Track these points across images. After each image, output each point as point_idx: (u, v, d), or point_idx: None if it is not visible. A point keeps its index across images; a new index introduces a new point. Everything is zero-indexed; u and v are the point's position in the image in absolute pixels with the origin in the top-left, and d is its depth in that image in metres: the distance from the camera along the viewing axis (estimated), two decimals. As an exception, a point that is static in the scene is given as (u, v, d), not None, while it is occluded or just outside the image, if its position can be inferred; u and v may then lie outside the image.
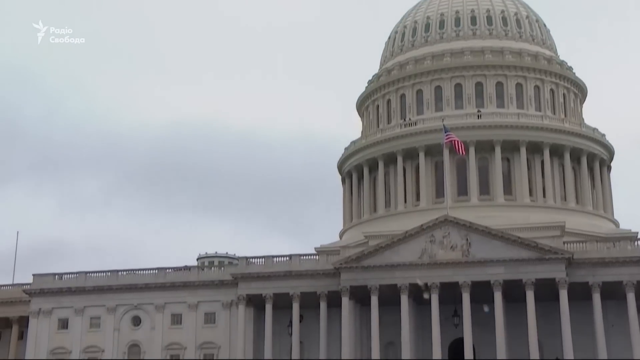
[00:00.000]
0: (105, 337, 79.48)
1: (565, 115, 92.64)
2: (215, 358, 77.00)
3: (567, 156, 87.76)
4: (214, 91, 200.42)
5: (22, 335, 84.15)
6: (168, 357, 77.83)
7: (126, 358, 78.70)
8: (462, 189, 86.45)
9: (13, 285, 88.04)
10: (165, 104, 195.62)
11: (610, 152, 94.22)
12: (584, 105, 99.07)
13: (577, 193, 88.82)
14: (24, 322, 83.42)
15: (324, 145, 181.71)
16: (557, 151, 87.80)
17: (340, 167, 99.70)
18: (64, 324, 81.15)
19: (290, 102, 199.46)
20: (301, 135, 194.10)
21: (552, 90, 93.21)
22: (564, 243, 70.29)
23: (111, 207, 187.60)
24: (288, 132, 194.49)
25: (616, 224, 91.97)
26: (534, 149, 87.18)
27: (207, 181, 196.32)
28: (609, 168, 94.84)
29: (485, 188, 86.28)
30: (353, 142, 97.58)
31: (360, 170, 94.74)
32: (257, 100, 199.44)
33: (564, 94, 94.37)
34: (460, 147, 76.14)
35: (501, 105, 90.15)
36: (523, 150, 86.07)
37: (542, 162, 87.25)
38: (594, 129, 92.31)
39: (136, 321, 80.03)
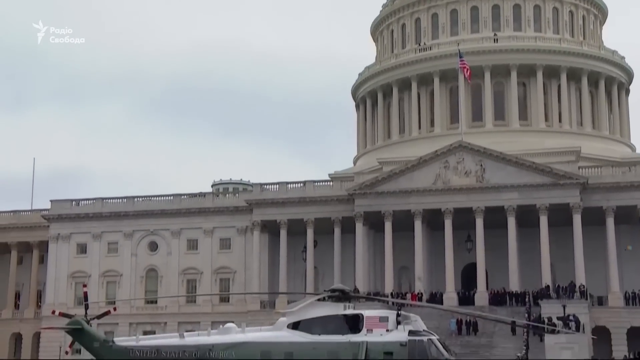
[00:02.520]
0: (123, 261, 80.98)
1: (584, 38, 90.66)
2: (230, 282, 78.35)
3: (584, 80, 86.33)
4: (233, 14, 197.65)
5: (42, 260, 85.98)
6: (185, 282, 79.29)
7: (144, 282, 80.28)
8: (477, 115, 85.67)
9: (32, 210, 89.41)
10: (185, 27, 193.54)
11: (630, 75, 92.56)
12: (604, 27, 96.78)
13: (593, 118, 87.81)
14: (44, 246, 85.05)
15: (339, 70, 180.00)
16: (574, 75, 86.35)
17: (354, 93, 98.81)
18: (82, 249, 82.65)
19: (309, 26, 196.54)
20: (317, 60, 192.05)
21: (571, 12, 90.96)
22: (578, 168, 69.95)
23: (130, 133, 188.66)
24: (305, 56, 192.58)
25: (632, 148, 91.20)
26: (551, 73, 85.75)
27: (224, 107, 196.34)
28: (628, 92, 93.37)
29: (500, 113, 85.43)
30: (367, 68, 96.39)
31: (374, 96, 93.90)
32: (276, 23, 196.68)
33: (583, 16, 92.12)
34: (467, 74, 75.22)
35: (518, 29, 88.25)
36: (540, 75, 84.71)
37: (559, 87, 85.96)
38: (614, 52, 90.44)
39: (153, 246, 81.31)
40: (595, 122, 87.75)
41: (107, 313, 31.62)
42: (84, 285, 43.67)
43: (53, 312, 31.71)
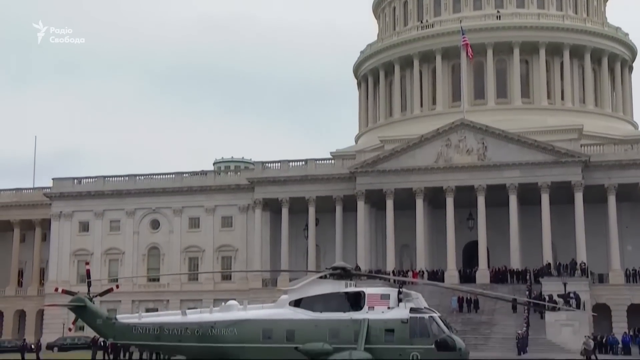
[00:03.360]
0: (125, 239, 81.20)
1: (587, 15, 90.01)
2: (232, 260, 78.59)
3: (587, 57, 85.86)
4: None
5: (45, 237, 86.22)
6: (187, 259, 79.54)
7: (146, 260, 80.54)
8: (479, 93, 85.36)
9: (34, 188, 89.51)
10: (188, 5, 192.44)
11: (633, 52, 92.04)
12: (608, 3, 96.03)
13: (596, 95, 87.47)
14: (46, 224, 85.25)
15: (342, 47, 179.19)
16: (577, 52, 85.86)
17: (356, 71, 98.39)
18: (84, 227, 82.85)
19: (311, 3, 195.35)
20: (320, 37, 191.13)
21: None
22: (580, 146, 69.81)
23: (132, 111, 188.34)
24: (307, 34, 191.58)
25: (635, 125, 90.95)
26: (554, 50, 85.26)
27: (227, 85, 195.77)
28: (631, 69, 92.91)
29: (502, 91, 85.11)
30: (369, 46, 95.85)
31: (376, 74, 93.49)
32: (279, 0, 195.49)
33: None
34: (469, 51, 74.82)
35: (521, 6, 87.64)
36: (542, 52, 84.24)
37: (562, 64, 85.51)
38: (617, 29, 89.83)
39: (155, 224, 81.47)
40: (598, 100, 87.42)
41: (109, 290, 31.77)
42: (87, 263, 43.82)
43: (56, 290, 31.87)
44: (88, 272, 35.11)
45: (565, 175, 67.78)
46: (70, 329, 42.95)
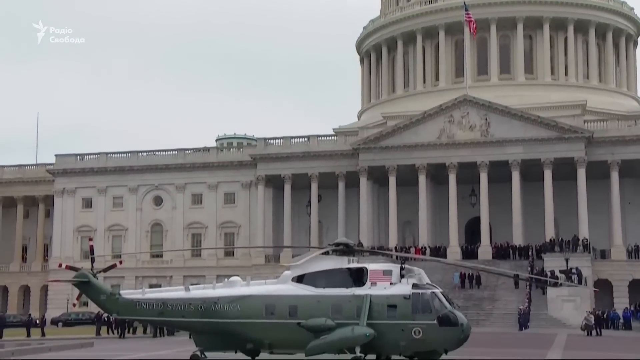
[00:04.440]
0: (128, 216, 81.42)
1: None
2: (235, 237, 78.80)
3: (592, 32, 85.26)
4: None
5: (48, 214, 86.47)
6: (190, 236, 79.78)
7: (149, 236, 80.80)
8: (483, 68, 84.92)
9: (37, 165, 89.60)
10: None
11: (638, 27, 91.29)
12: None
13: (600, 71, 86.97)
14: (49, 200, 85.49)
15: (345, 23, 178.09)
16: (581, 27, 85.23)
17: (358, 47, 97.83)
18: (88, 203, 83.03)
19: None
20: (323, 13, 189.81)
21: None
22: (584, 122, 69.58)
23: (135, 88, 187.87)
24: (310, 10, 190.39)
25: (639, 101, 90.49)
26: (558, 25, 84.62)
27: (230, 61, 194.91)
28: (636, 44, 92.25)
29: (506, 67, 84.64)
30: (372, 21, 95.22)
31: (379, 50, 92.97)
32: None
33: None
34: (472, 27, 74.30)
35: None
36: (546, 27, 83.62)
37: (566, 39, 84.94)
38: (622, 3, 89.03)
39: (158, 201, 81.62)
40: (602, 76, 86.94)
41: (113, 266, 31.74)
42: (90, 239, 43.96)
43: (60, 266, 31.87)
44: (92, 247, 35.14)
45: (568, 151, 67.65)
46: (74, 305, 43.14)
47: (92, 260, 31.49)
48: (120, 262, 34.65)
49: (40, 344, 40.47)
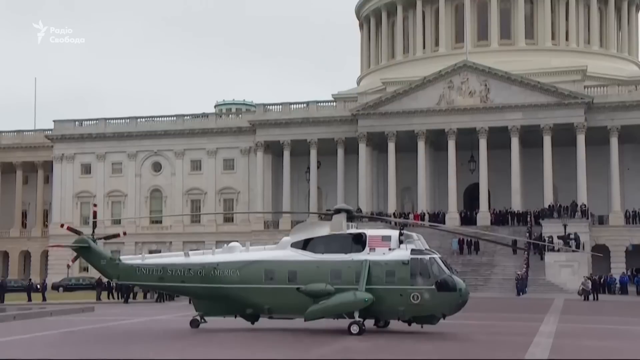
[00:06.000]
0: (128, 182, 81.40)
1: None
2: (234, 203, 78.91)
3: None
4: None
5: (48, 179, 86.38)
6: (189, 202, 79.88)
7: (148, 202, 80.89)
8: (483, 34, 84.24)
9: (35, 130, 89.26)
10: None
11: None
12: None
13: (601, 35, 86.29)
14: (48, 166, 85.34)
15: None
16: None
17: (358, 12, 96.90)
18: (87, 169, 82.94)
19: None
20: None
21: None
22: (584, 87, 69.26)
23: (135, 53, 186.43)
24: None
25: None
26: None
27: (228, 27, 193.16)
28: (638, 8, 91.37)
29: (506, 32, 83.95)
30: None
31: (378, 15, 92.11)
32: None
33: None
34: None
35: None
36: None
37: (567, 4, 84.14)
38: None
39: (157, 167, 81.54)
40: (603, 40, 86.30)
41: (116, 236, 31.76)
42: (95, 205, 44.04)
43: (62, 226, 31.85)
44: (95, 213, 35.18)
45: (568, 117, 67.45)
46: (68, 266, 43.24)
47: (94, 225, 31.52)
48: (124, 234, 34.57)
49: (41, 309, 40.65)
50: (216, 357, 20.74)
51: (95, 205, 42.04)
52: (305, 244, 27.43)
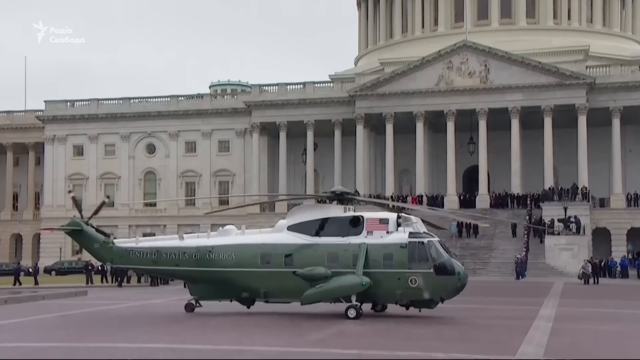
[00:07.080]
0: (121, 164, 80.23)
1: None
2: (230, 185, 77.92)
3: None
4: None
5: (39, 161, 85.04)
6: (183, 184, 78.85)
7: (142, 184, 79.82)
8: (483, 13, 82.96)
9: (26, 111, 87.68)
10: None
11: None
12: None
13: (604, 14, 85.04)
14: (40, 148, 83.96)
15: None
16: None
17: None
18: (79, 151, 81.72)
19: None
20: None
21: None
22: (586, 67, 68.20)
23: (128, 33, 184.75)
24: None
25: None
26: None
27: (224, 6, 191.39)
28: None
29: (507, 11, 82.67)
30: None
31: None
32: None
33: None
34: None
35: None
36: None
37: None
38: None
39: (151, 149, 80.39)
40: (606, 19, 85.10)
41: (101, 205, 30.57)
42: (70, 191, 43.28)
43: (69, 192, 31.33)
44: (73, 199, 35.03)
45: (569, 98, 66.45)
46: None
47: (80, 209, 30.80)
48: (108, 197, 33.79)
49: (33, 292, 40.11)
50: (212, 342, 20.31)
51: (70, 191, 41.28)
52: (301, 227, 26.80)
